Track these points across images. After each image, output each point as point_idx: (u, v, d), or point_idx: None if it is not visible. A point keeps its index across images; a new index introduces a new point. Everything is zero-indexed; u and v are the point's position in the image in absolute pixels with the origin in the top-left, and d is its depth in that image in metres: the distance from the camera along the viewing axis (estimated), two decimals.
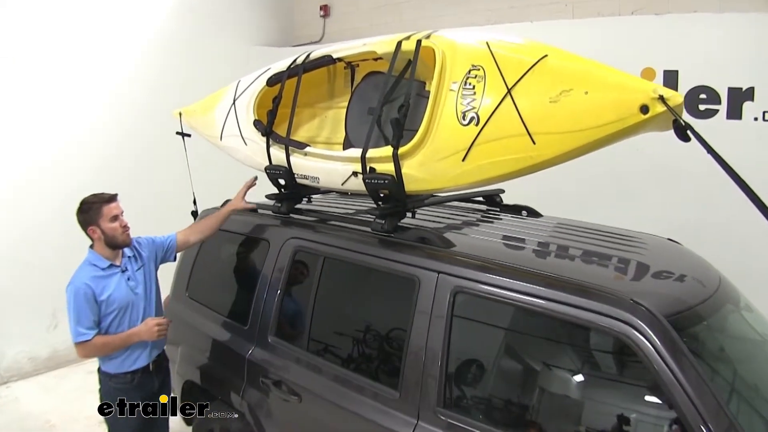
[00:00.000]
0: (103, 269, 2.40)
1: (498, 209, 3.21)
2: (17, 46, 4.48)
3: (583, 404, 1.81)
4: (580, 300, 1.70)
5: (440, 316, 1.96)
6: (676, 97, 1.67)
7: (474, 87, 2.04)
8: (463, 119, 2.03)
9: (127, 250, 2.51)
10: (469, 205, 3.21)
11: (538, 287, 1.80)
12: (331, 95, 3.09)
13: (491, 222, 2.77)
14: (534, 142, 1.89)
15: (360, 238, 2.34)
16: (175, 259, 2.79)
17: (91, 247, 2.46)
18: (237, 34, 6.13)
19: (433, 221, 2.63)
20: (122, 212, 2.44)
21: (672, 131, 1.71)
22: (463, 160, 2.03)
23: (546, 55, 1.93)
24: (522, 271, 1.90)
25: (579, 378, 1.83)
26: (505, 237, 2.42)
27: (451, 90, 2.09)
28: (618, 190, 4.13)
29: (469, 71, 2.07)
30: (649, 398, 1.66)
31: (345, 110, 2.94)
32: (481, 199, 3.19)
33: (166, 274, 3.15)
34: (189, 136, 3.41)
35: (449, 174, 2.09)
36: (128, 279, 2.46)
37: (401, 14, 5.74)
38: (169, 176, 3.84)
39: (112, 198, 2.43)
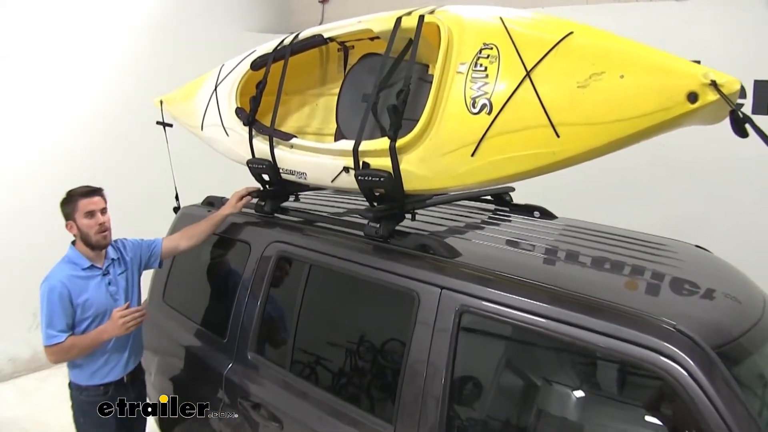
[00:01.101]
0: (83, 269, 2.18)
1: (507, 209, 2.92)
2: None
3: None
4: (615, 327, 1.40)
5: (443, 338, 1.66)
6: (732, 83, 1.36)
7: (486, 69, 1.74)
8: (473, 107, 1.73)
9: (110, 252, 2.28)
10: (475, 204, 2.92)
11: (562, 310, 1.50)
12: (323, 81, 2.78)
13: (501, 225, 2.47)
14: (558, 135, 1.59)
15: (351, 244, 2.05)
16: (160, 266, 2.53)
17: (73, 243, 2.23)
18: (229, 19, 5.81)
19: (435, 224, 2.34)
20: (103, 209, 2.20)
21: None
22: (472, 155, 1.73)
23: (571, 32, 1.63)
24: (542, 288, 1.61)
25: (610, 420, 1.53)
26: (518, 244, 2.13)
27: (458, 72, 1.79)
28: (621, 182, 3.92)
29: (480, 50, 1.77)
30: None
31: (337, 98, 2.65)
32: (488, 198, 2.91)
33: (146, 276, 2.89)
34: (170, 126, 3.13)
35: (455, 171, 1.79)
36: (109, 283, 2.23)
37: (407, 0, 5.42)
38: (158, 169, 3.59)
39: (92, 192, 2.19)
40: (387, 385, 1.86)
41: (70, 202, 2.17)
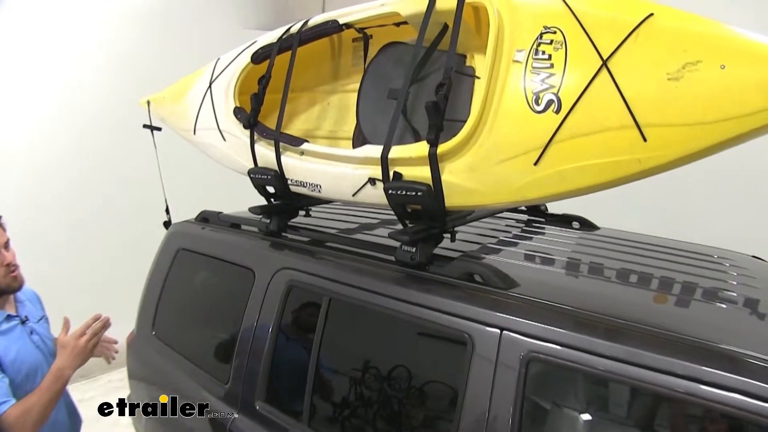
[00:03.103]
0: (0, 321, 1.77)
1: (543, 220, 2.59)
2: None
3: None
4: (736, 379, 1.07)
5: (506, 393, 1.31)
6: None
7: (550, 57, 1.39)
8: (536, 104, 1.38)
9: (20, 295, 1.89)
10: (504, 215, 2.58)
11: (663, 357, 1.15)
12: (335, 76, 2.42)
13: (546, 241, 2.13)
14: (645, 138, 1.26)
15: (380, 273, 1.68)
16: None
17: None
18: (224, 14, 5.42)
19: (468, 243, 1.98)
20: (6, 243, 1.81)
21: None
22: (536, 163, 1.38)
23: (652, 14, 1.29)
24: (634, 329, 1.25)
25: None
26: (580, 267, 1.78)
27: (515, 61, 1.44)
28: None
29: (541, 35, 1.42)
30: None
31: (353, 95, 2.28)
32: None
33: (131, 303, 2.54)
34: (159, 129, 2.76)
35: (514, 183, 1.44)
36: (31, 332, 1.84)
37: None
38: (148, 178, 3.26)
39: None
40: None
41: None
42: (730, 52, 1.19)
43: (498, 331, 1.37)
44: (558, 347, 1.28)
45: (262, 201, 2.19)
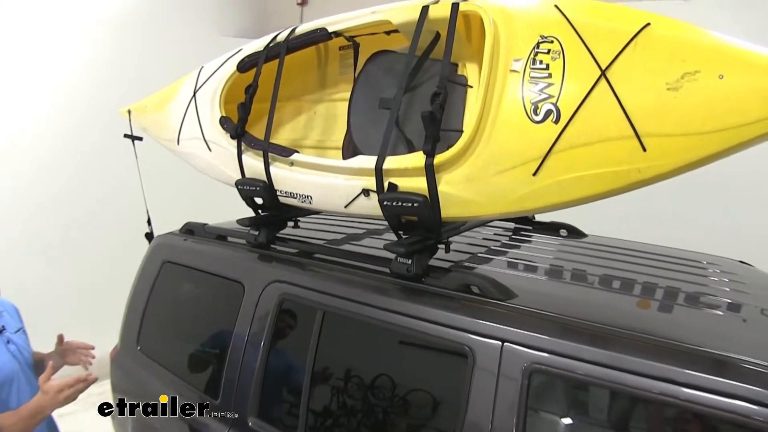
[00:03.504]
0: None
1: (530, 228, 2.60)
2: None
3: None
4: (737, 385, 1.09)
5: (507, 406, 1.30)
6: None
7: (548, 66, 1.39)
8: (535, 113, 1.38)
9: None
10: (493, 223, 2.58)
11: (666, 366, 1.16)
12: (322, 84, 2.39)
13: (536, 250, 2.14)
14: (644, 148, 1.27)
15: (376, 285, 1.66)
16: None
17: None
18: (201, 21, 5.36)
19: (459, 254, 1.97)
20: None
21: None
22: (535, 173, 1.38)
23: (649, 23, 1.31)
24: (639, 339, 1.25)
25: None
26: (576, 276, 1.79)
27: (512, 71, 1.44)
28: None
29: (538, 44, 1.43)
30: None
31: (341, 104, 2.27)
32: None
33: (115, 317, 2.45)
34: (140, 139, 2.69)
35: (512, 194, 1.43)
36: (8, 342, 1.79)
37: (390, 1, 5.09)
38: (124, 187, 3.17)
39: None
40: None
41: None
42: (728, 62, 1.21)
43: (499, 343, 1.35)
44: (561, 358, 1.28)
45: (246, 211, 2.15)
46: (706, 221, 3.51)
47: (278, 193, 1.95)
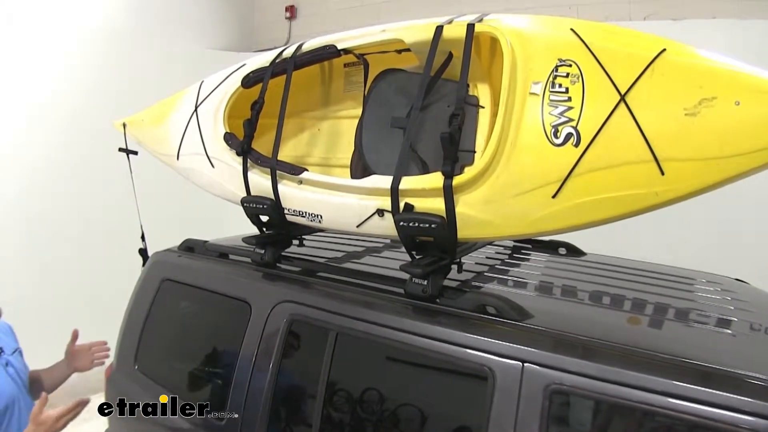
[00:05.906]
0: None
1: (529, 246, 2.62)
2: None
3: None
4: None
5: (529, 428, 1.30)
6: None
7: (567, 90, 1.42)
8: (555, 136, 1.40)
9: None
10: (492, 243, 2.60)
11: (690, 386, 1.17)
12: (325, 101, 2.38)
13: (540, 269, 2.15)
14: (662, 172, 1.30)
15: (391, 306, 1.64)
16: None
17: None
18: (189, 35, 5.33)
19: (465, 272, 1.97)
20: None
21: None
22: (554, 196, 1.39)
23: (665, 49, 1.34)
24: (659, 359, 1.27)
25: None
26: (584, 296, 1.80)
27: (532, 93, 1.46)
28: None
29: (556, 68, 1.45)
30: None
31: (346, 121, 2.27)
32: None
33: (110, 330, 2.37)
34: (136, 153, 2.62)
35: (531, 216, 1.44)
36: (6, 365, 1.73)
37: (379, 16, 5.14)
38: (112, 201, 3.08)
39: None
40: None
41: None
42: (744, 88, 1.24)
43: (520, 363, 1.35)
44: (582, 378, 1.28)
45: (241, 228, 2.11)
46: (699, 239, 3.60)
47: (286, 211, 1.93)
